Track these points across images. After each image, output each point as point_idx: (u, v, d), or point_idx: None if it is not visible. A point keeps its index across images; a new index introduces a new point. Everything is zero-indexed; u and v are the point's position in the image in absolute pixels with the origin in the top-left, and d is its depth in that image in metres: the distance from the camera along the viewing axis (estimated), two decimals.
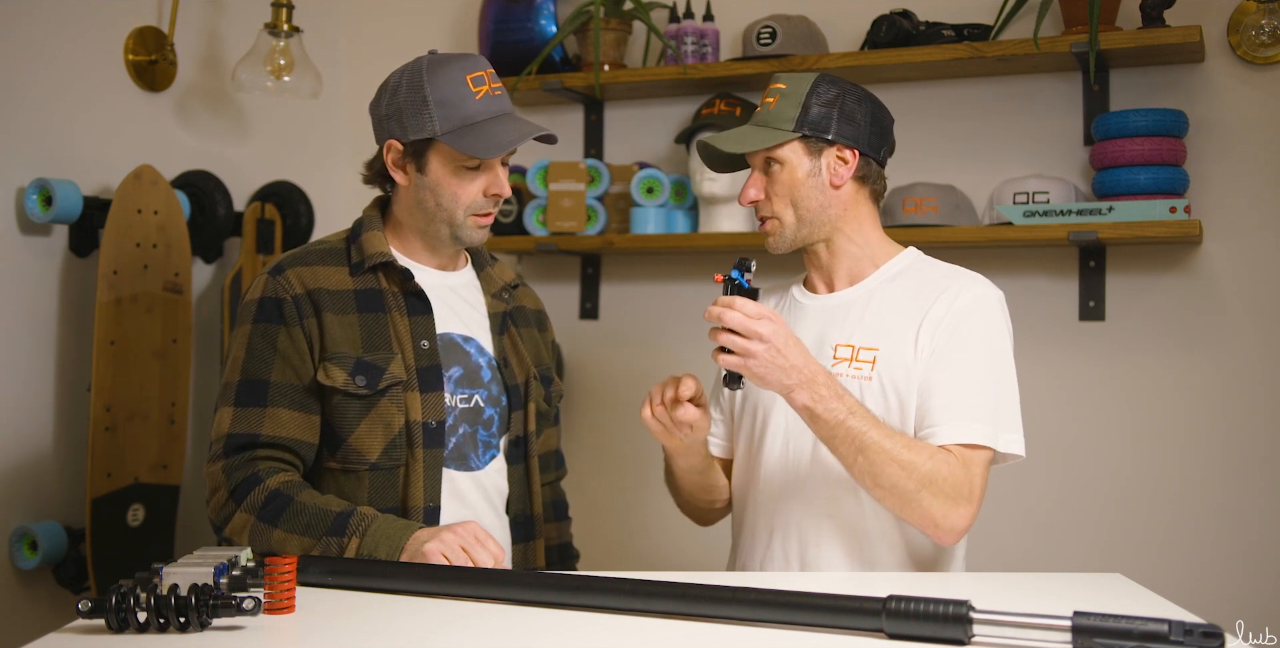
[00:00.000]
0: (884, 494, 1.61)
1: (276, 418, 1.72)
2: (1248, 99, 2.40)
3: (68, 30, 2.37)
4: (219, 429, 1.73)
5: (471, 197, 1.78)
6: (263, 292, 1.77)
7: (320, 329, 1.74)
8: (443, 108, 1.74)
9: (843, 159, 1.78)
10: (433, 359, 1.78)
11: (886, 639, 1.22)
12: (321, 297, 1.76)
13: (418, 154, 1.77)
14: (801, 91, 1.77)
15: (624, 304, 2.89)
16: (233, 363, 1.76)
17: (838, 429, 1.60)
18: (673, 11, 2.78)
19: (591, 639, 1.26)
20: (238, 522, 1.68)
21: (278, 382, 1.73)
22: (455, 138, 1.73)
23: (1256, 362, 2.38)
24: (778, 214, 1.78)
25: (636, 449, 2.84)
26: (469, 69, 1.77)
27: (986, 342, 1.71)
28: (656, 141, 2.87)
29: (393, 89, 1.78)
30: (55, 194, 2.22)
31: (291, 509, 1.66)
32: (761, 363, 1.57)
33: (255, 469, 1.69)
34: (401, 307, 1.79)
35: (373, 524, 1.63)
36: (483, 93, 1.76)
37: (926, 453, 1.61)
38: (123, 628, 1.22)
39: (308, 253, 1.82)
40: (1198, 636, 1.11)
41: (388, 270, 1.81)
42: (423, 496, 1.74)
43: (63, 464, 2.34)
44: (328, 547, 1.63)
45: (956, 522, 1.61)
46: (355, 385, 1.73)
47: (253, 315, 1.76)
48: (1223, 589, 2.35)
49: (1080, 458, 2.49)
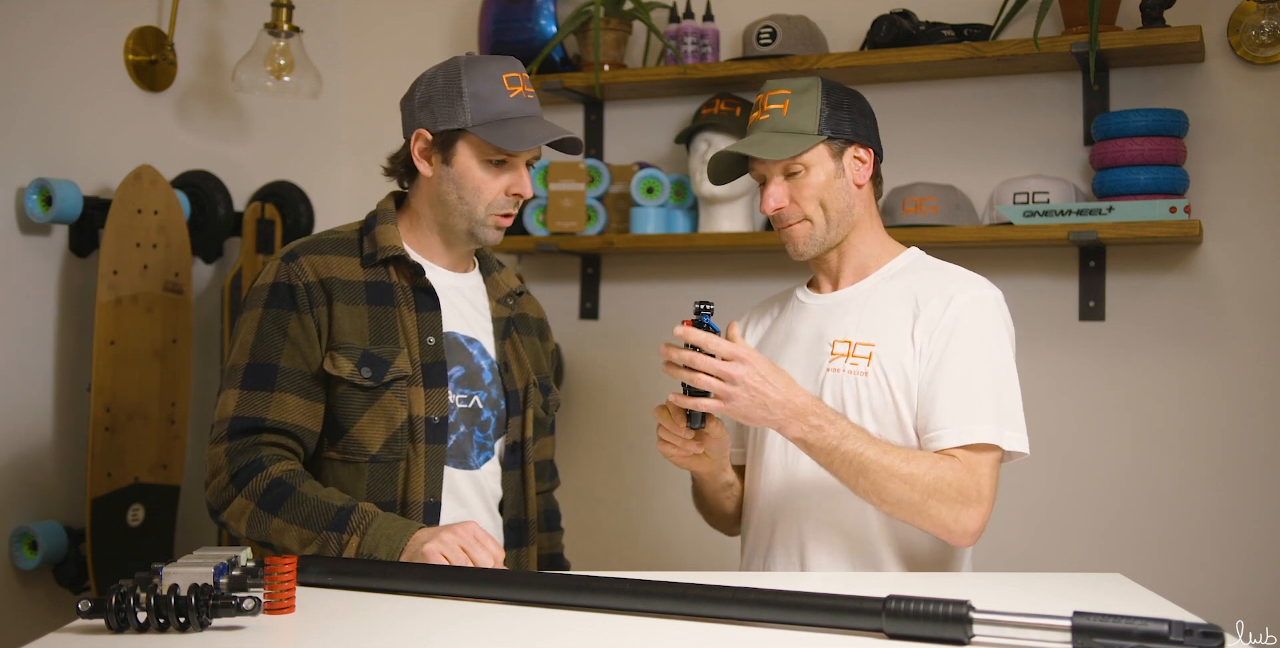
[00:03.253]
0: (892, 509, 1.62)
1: (283, 403, 1.71)
2: (1248, 99, 2.40)
3: (68, 30, 2.37)
4: (223, 411, 1.72)
5: (494, 193, 1.79)
6: (275, 277, 1.77)
7: (330, 318, 1.75)
8: (476, 101, 1.76)
9: (860, 158, 1.81)
10: (438, 356, 1.78)
11: (886, 639, 1.22)
12: (333, 286, 1.76)
13: (445, 145, 1.79)
14: (814, 95, 1.79)
15: (624, 304, 2.89)
16: (240, 346, 1.75)
17: (834, 455, 1.61)
18: (673, 11, 2.78)
19: (591, 639, 1.26)
20: (236, 507, 1.68)
21: (286, 367, 1.73)
22: (486, 130, 1.75)
23: (1256, 362, 2.38)
24: (810, 216, 1.79)
25: (636, 449, 2.84)
26: (505, 69, 1.81)
27: (985, 342, 1.71)
28: (656, 141, 2.87)
29: (428, 80, 1.81)
30: (55, 194, 2.22)
31: (293, 500, 1.65)
32: (740, 404, 1.57)
33: (259, 455, 1.69)
34: (410, 302, 1.80)
35: (374, 523, 1.63)
36: (516, 92, 1.79)
37: (927, 462, 1.61)
38: (123, 628, 1.22)
39: (321, 242, 1.83)
40: (1198, 636, 1.10)
41: (399, 264, 1.82)
42: (423, 491, 1.74)
43: (63, 464, 2.34)
44: (326, 542, 1.63)
45: (968, 524, 1.62)
46: (361, 377, 1.73)
47: (264, 300, 1.76)
48: (1223, 589, 2.35)
49: (1080, 458, 2.49)
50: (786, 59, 2.56)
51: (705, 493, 1.90)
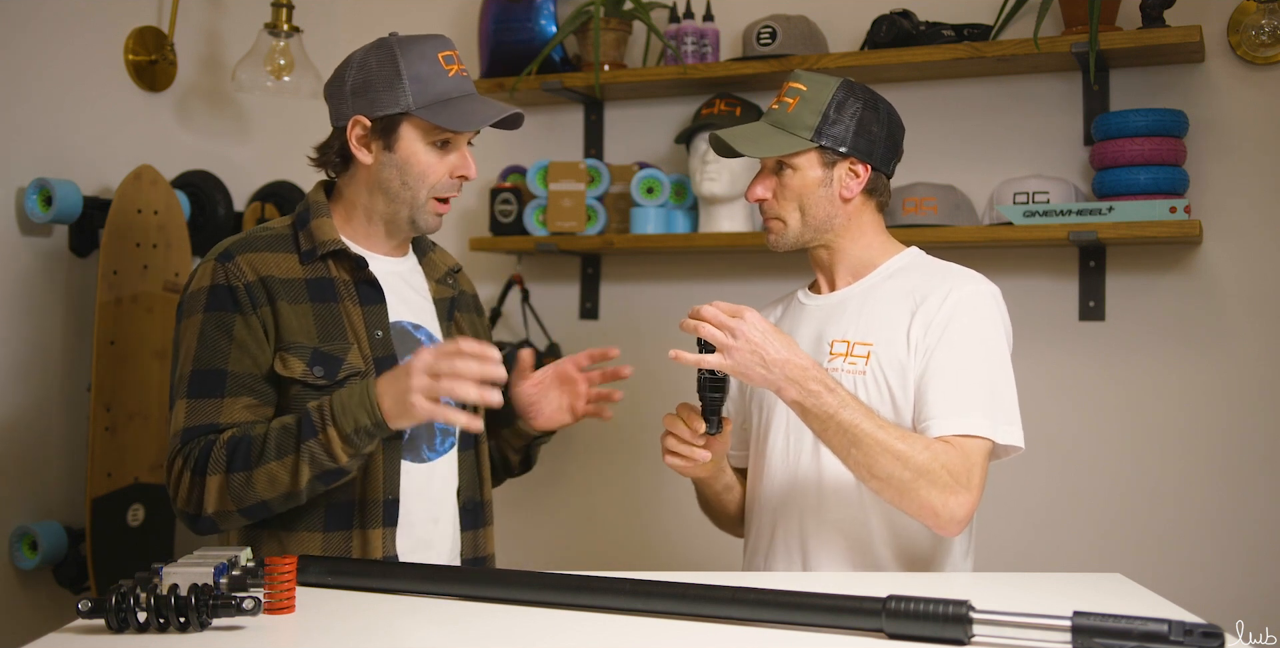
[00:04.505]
0: (881, 485, 1.61)
1: (234, 407, 1.67)
2: (1248, 99, 2.40)
3: (68, 30, 2.37)
4: (175, 425, 1.68)
5: (439, 175, 1.76)
6: (213, 279, 1.71)
7: (275, 318, 1.69)
8: (417, 83, 1.72)
9: (854, 173, 1.79)
10: (388, 349, 1.74)
11: (886, 639, 1.22)
12: (273, 284, 1.71)
13: (386, 131, 1.74)
14: (823, 99, 1.77)
15: (624, 304, 2.89)
16: (185, 355, 1.70)
17: (829, 423, 1.60)
18: (673, 11, 2.78)
19: (591, 639, 1.26)
20: (211, 489, 1.62)
21: (235, 371, 1.67)
22: (430, 112, 1.72)
23: (1256, 362, 2.38)
24: (783, 216, 1.79)
25: (636, 449, 2.84)
26: (439, 48, 1.76)
27: (980, 336, 1.71)
28: (656, 142, 2.87)
29: (358, 65, 1.75)
30: (55, 194, 2.22)
31: (254, 445, 1.61)
32: (740, 358, 1.58)
33: (206, 440, 1.64)
34: (354, 296, 1.75)
35: (334, 405, 1.59)
36: (454, 71, 1.76)
37: (922, 443, 1.61)
38: (123, 628, 1.22)
39: (254, 239, 1.77)
40: (1198, 636, 1.10)
41: (339, 258, 1.77)
42: (381, 488, 1.71)
43: (63, 464, 2.34)
44: (311, 453, 1.58)
45: (956, 511, 1.60)
46: (314, 376, 1.68)
47: (203, 304, 1.70)
48: (1223, 589, 2.35)
49: (1080, 458, 2.49)
50: (786, 59, 2.56)
51: (707, 495, 1.91)
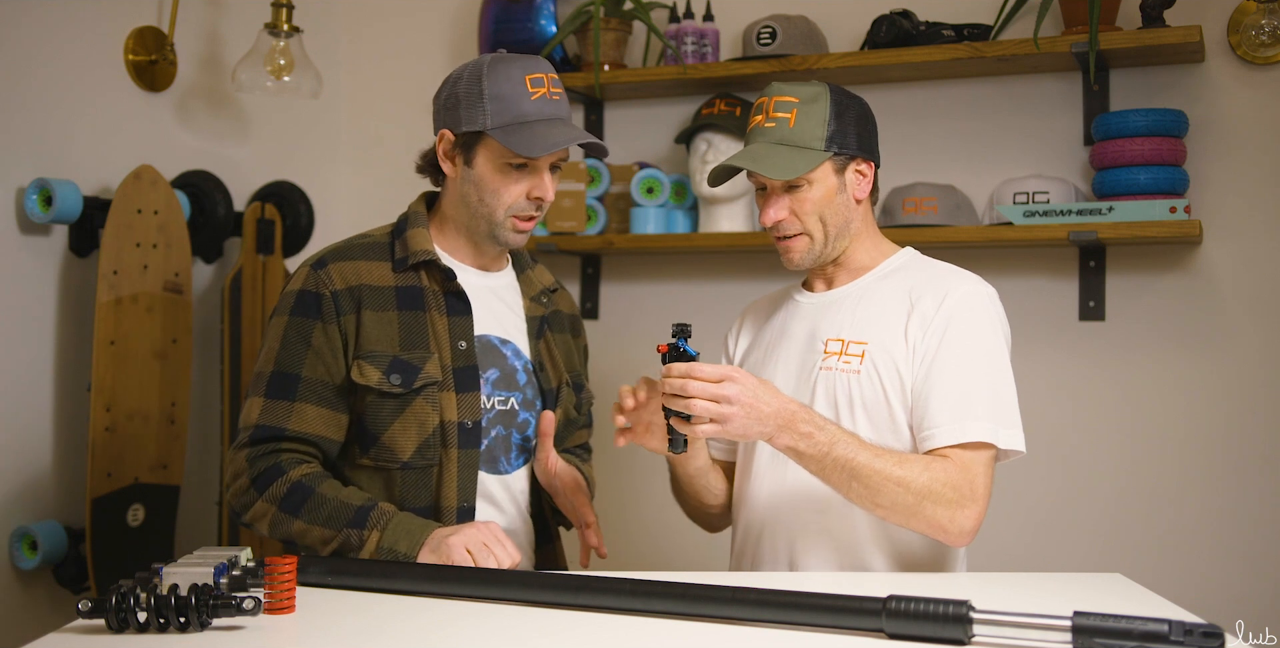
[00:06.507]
0: (887, 513, 1.61)
1: (303, 414, 1.72)
2: (1248, 99, 2.40)
3: (68, 30, 2.36)
4: (247, 418, 1.74)
5: (514, 197, 1.77)
6: (303, 284, 1.77)
7: (358, 326, 1.74)
8: (496, 103, 1.74)
9: (861, 173, 1.80)
10: (470, 360, 1.78)
11: (886, 639, 1.22)
12: (363, 293, 1.76)
13: (467, 147, 1.77)
14: (822, 107, 1.76)
15: (624, 304, 2.89)
16: (266, 353, 1.77)
17: (825, 461, 1.59)
18: (673, 11, 2.78)
19: (591, 639, 1.26)
20: (258, 510, 1.70)
21: (308, 377, 1.73)
22: (504, 134, 1.73)
23: (1256, 362, 2.38)
24: (809, 231, 1.78)
25: (636, 448, 2.83)
26: (529, 70, 1.77)
27: (979, 339, 1.71)
28: (656, 142, 2.87)
29: (454, 80, 1.79)
30: (55, 194, 2.22)
31: (313, 501, 1.67)
32: (738, 424, 1.56)
33: (278, 460, 1.71)
34: (441, 306, 1.79)
35: (393, 519, 1.65)
36: (539, 94, 1.76)
37: (920, 465, 1.61)
38: (123, 628, 1.22)
39: (351, 247, 1.82)
40: (1198, 636, 1.11)
41: (430, 268, 1.81)
42: (456, 496, 1.74)
43: (63, 464, 2.34)
44: (348, 539, 1.65)
45: (964, 524, 1.61)
46: (390, 384, 1.73)
47: (290, 307, 1.76)
48: (1223, 589, 2.35)
49: (1080, 458, 2.49)
50: (786, 59, 2.56)
51: (679, 476, 1.88)
